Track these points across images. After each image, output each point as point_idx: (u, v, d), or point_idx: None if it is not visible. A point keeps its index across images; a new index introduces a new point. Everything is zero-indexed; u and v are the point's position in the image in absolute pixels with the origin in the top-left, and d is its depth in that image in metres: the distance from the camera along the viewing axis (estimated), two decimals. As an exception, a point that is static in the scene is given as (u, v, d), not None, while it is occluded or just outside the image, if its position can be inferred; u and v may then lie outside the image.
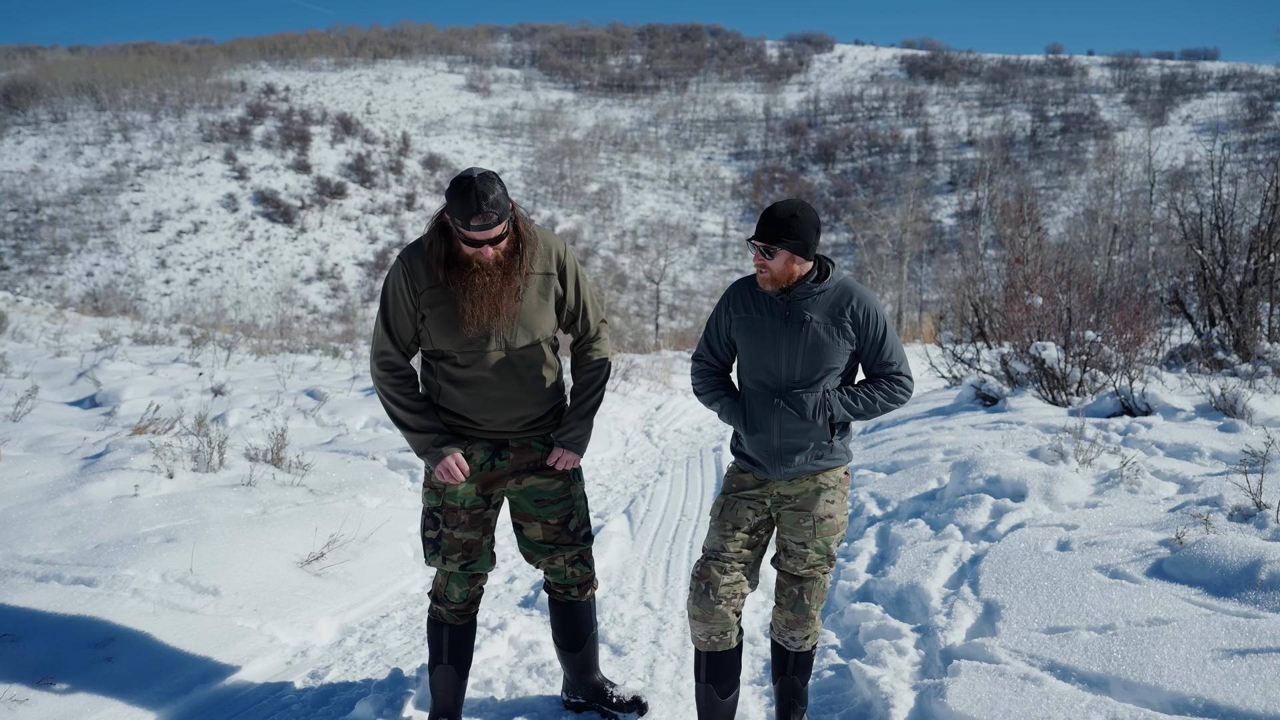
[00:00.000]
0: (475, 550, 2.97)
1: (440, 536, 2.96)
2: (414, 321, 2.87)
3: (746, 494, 2.83)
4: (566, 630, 3.19)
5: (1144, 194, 33.71)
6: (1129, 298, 9.38)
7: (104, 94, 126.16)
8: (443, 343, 2.85)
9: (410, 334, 2.89)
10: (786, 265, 2.67)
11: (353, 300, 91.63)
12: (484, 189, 2.63)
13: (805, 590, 2.84)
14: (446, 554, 2.96)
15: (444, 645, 3.03)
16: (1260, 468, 4.66)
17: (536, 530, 3.06)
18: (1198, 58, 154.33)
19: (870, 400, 2.73)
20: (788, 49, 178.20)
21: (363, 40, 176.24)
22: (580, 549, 3.12)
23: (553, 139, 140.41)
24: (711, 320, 2.91)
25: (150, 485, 5.06)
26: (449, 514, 2.94)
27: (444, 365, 2.90)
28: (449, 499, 2.93)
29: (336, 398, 9.64)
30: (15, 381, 9.68)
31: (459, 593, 3.02)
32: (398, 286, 2.85)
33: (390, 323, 2.88)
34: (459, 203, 2.64)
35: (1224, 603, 3.31)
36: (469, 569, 2.99)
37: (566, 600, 3.17)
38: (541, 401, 2.97)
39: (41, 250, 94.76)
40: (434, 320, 2.83)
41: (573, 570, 3.12)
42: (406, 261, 2.85)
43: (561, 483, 3.05)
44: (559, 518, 3.05)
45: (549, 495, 3.03)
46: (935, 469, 5.93)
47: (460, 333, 2.82)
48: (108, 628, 3.57)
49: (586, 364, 3.10)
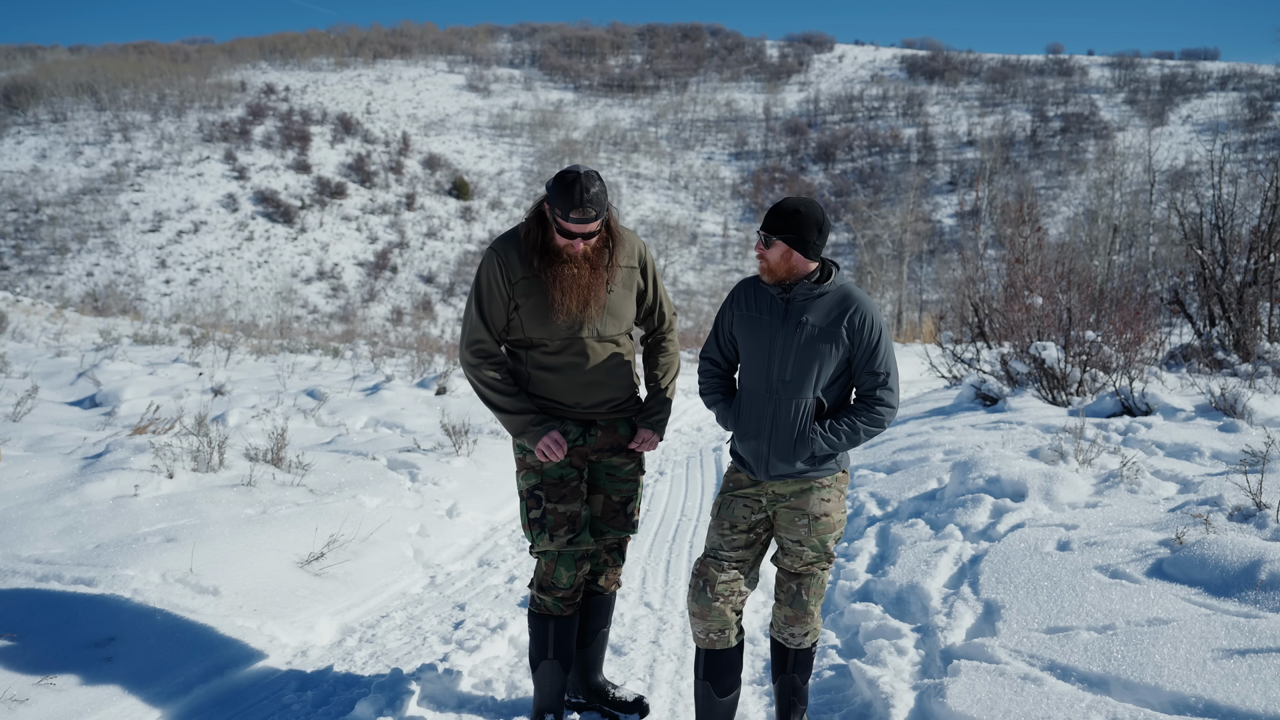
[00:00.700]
0: (578, 522, 3.03)
1: (545, 514, 3.00)
2: (508, 310, 2.95)
3: (742, 493, 2.85)
4: (583, 623, 3.21)
5: (1144, 194, 33.72)
6: (1129, 298, 9.38)
7: (104, 94, 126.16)
8: (536, 331, 2.94)
9: (503, 322, 2.98)
10: (783, 258, 2.70)
11: (353, 300, 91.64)
12: (587, 184, 2.77)
13: (803, 586, 2.85)
14: (553, 530, 2.99)
15: (549, 639, 3.03)
16: (1260, 468, 4.66)
17: (598, 504, 3.15)
18: (1198, 58, 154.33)
19: (853, 430, 2.73)
20: (788, 49, 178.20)
21: (363, 40, 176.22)
22: (623, 535, 3.21)
23: (553, 139, 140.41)
24: (717, 317, 2.97)
25: (150, 485, 5.06)
26: (550, 489, 2.99)
27: (534, 354, 2.99)
28: (548, 474, 2.99)
29: (336, 398, 9.65)
30: (15, 381, 9.68)
31: (567, 577, 3.03)
32: (492, 276, 2.93)
33: (485, 311, 2.96)
34: (562, 195, 2.76)
35: (1224, 603, 3.31)
36: (575, 541, 3.02)
37: (591, 590, 3.21)
38: (625, 386, 3.10)
39: (41, 250, 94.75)
40: (528, 309, 2.92)
41: (608, 558, 3.20)
42: (501, 252, 2.94)
43: (633, 465, 3.18)
44: (622, 496, 3.16)
45: (622, 473, 3.15)
46: (935, 469, 5.93)
47: (552, 321, 2.91)
48: (108, 628, 3.57)
49: (662, 353, 3.25)
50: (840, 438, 2.73)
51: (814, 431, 2.72)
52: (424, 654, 3.80)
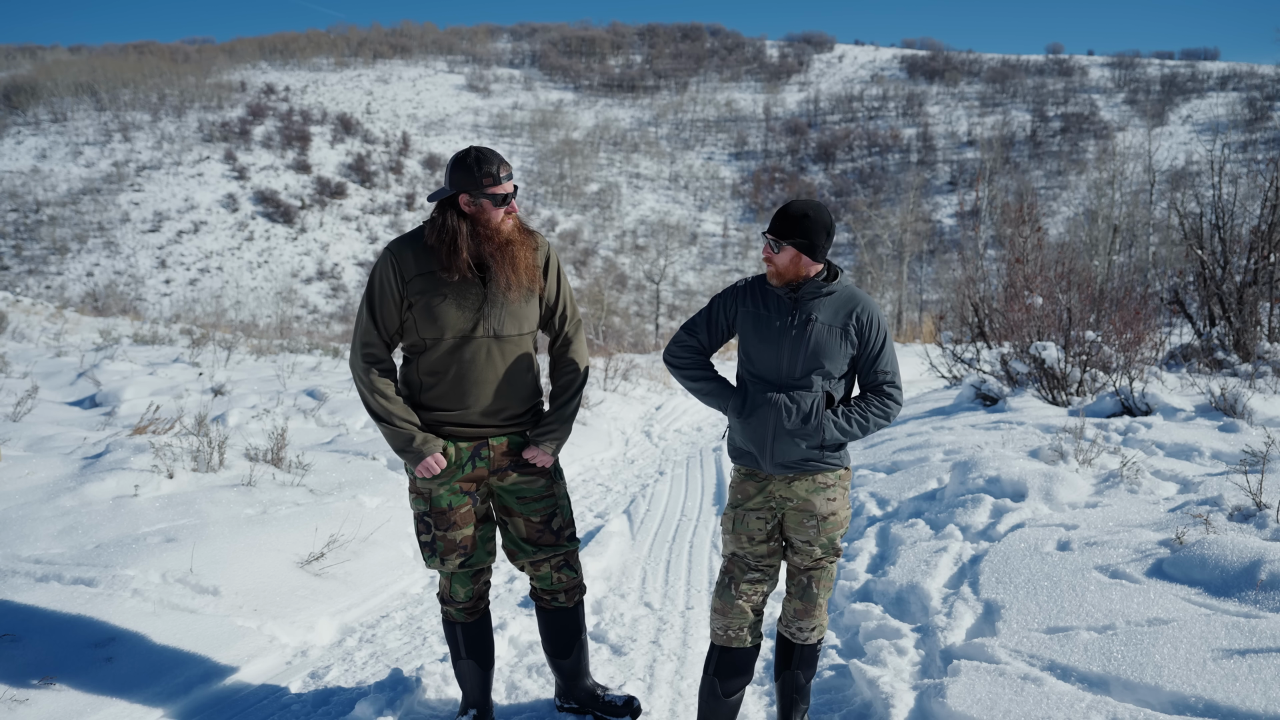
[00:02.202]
0: (471, 545, 2.99)
1: (435, 540, 2.97)
2: (400, 312, 2.88)
3: (753, 505, 2.85)
4: (555, 638, 3.17)
5: (1144, 194, 33.72)
6: (1129, 298, 9.38)
7: (104, 94, 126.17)
8: (429, 330, 2.85)
9: (395, 325, 2.90)
10: (792, 262, 2.73)
11: (353, 300, 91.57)
12: (490, 150, 2.83)
13: (813, 579, 2.88)
14: (444, 555, 2.98)
15: (459, 642, 3.07)
16: (1260, 468, 4.66)
17: (520, 525, 3.05)
18: (1198, 58, 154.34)
19: (864, 419, 2.77)
20: (788, 49, 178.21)
21: (363, 40, 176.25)
22: (565, 551, 3.10)
23: (553, 139, 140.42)
24: (718, 303, 2.91)
25: (150, 485, 5.06)
26: (438, 517, 2.95)
27: (427, 357, 2.90)
28: (436, 503, 2.94)
29: (336, 398, 9.64)
30: (15, 381, 9.67)
31: (463, 592, 3.04)
32: (385, 276, 2.86)
33: (376, 313, 2.88)
34: (479, 164, 2.78)
35: (1224, 603, 3.31)
36: (468, 565, 3.00)
37: (554, 607, 3.15)
38: (523, 397, 2.99)
39: (41, 250, 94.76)
40: (421, 308, 2.84)
41: (559, 576, 3.11)
42: (395, 252, 2.88)
43: (544, 480, 3.04)
44: (541, 515, 3.04)
45: (531, 492, 3.02)
46: (935, 469, 5.93)
47: (449, 317, 2.84)
48: (108, 628, 3.57)
49: (566, 366, 3.11)
50: (851, 425, 2.75)
51: (825, 418, 2.72)
52: (424, 654, 3.80)
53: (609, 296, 61.05)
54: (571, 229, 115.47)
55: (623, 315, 62.28)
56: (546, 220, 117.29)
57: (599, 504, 6.64)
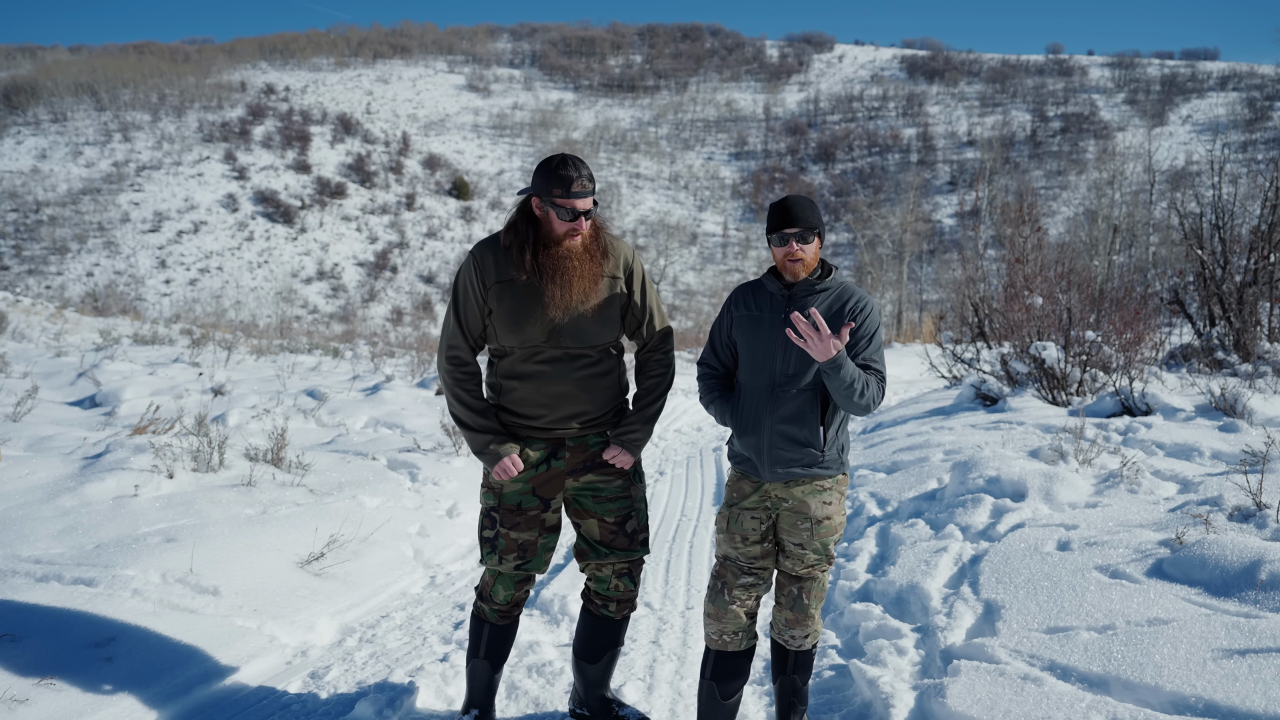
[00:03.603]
0: (531, 551, 2.98)
1: (498, 536, 2.97)
2: (482, 315, 2.90)
3: (748, 505, 2.85)
4: (591, 642, 3.14)
5: (1144, 194, 33.72)
6: (1129, 298, 9.38)
7: (104, 94, 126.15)
8: (507, 338, 2.87)
9: (479, 328, 2.92)
10: (817, 251, 2.78)
11: (353, 300, 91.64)
12: (577, 160, 2.77)
13: (804, 589, 2.86)
14: (503, 554, 2.97)
15: (482, 640, 3.06)
16: (1260, 468, 4.66)
17: (593, 527, 3.03)
18: (1198, 58, 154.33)
19: (865, 383, 2.71)
20: (788, 49, 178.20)
21: (363, 40, 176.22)
22: (633, 557, 3.08)
23: (553, 139, 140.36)
24: (715, 324, 2.97)
25: (150, 485, 5.06)
26: (506, 514, 2.95)
27: (506, 362, 2.93)
28: (505, 500, 2.94)
29: (336, 398, 9.65)
30: (15, 381, 9.68)
31: (504, 595, 3.03)
32: (469, 279, 2.88)
33: (461, 316, 2.91)
34: (557, 173, 2.75)
35: (1224, 603, 3.31)
36: (523, 569, 2.99)
37: (602, 614, 3.13)
38: (602, 402, 2.97)
39: (41, 250, 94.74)
40: (500, 314, 2.86)
41: (618, 583, 3.09)
42: (477, 256, 2.89)
43: (621, 481, 3.03)
44: (616, 516, 3.02)
45: (607, 492, 3.01)
46: (935, 469, 5.93)
47: (524, 329, 2.84)
48: (108, 628, 3.57)
49: (652, 370, 3.10)
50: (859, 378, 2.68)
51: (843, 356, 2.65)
52: (424, 654, 3.80)
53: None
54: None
55: (623, 315, 62.08)
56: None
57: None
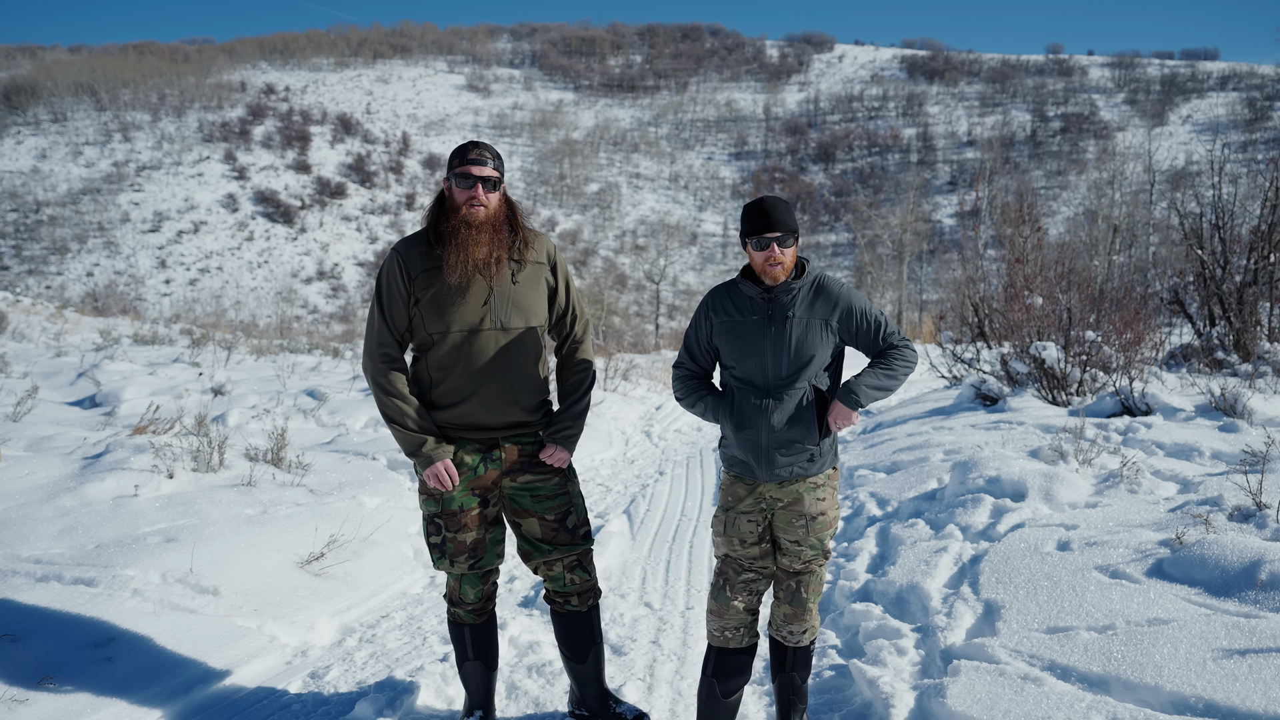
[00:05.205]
0: (481, 548, 2.99)
1: (445, 541, 2.97)
2: (408, 309, 2.91)
3: (743, 507, 2.85)
4: (570, 643, 3.15)
5: (1144, 194, 33.72)
6: (1129, 298, 9.38)
7: (104, 94, 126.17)
8: (435, 325, 2.87)
9: (405, 323, 2.92)
10: (794, 253, 2.78)
11: (353, 300, 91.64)
12: (483, 143, 2.92)
13: (802, 584, 2.87)
14: (453, 557, 2.98)
15: (467, 643, 3.07)
16: (1260, 468, 4.66)
17: (534, 526, 3.04)
18: (1198, 58, 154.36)
19: (891, 373, 2.78)
20: (788, 49, 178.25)
21: (363, 40, 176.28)
22: (579, 551, 3.09)
23: (553, 139, 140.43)
24: (691, 328, 2.95)
25: (150, 485, 5.06)
26: (449, 519, 2.96)
27: (434, 353, 2.91)
28: (446, 504, 2.95)
29: (336, 398, 9.65)
30: (15, 381, 9.67)
31: (473, 593, 3.05)
32: (392, 275, 2.91)
33: (386, 312, 2.92)
34: (459, 149, 2.90)
35: (1224, 603, 3.30)
36: (478, 567, 3.01)
37: (567, 610, 3.12)
38: (531, 389, 2.99)
39: (41, 250, 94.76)
40: (427, 302, 2.87)
41: (571, 577, 3.08)
42: (400, 251, 2.93)
43: (557, 479, 3.04)
44: (556, 514, 3.04)
45: (545, 490, 3.02)
46: (935, 469, 5.93)
47: (455, 309, 2.85)
48: (108, 628, 3.57)
49: (576, 366, 3.15)
50: (881, 380, 2.76)
51: (856, 384, 2.73)
52: (424, 654, 3.80)
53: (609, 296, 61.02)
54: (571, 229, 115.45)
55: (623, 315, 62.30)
56: (547, 220, 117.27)
57: (599, 504, 6.64)
